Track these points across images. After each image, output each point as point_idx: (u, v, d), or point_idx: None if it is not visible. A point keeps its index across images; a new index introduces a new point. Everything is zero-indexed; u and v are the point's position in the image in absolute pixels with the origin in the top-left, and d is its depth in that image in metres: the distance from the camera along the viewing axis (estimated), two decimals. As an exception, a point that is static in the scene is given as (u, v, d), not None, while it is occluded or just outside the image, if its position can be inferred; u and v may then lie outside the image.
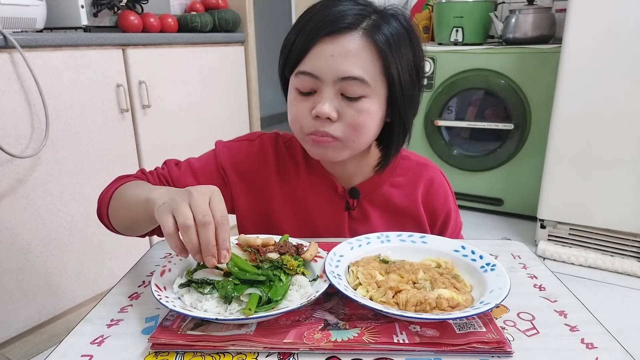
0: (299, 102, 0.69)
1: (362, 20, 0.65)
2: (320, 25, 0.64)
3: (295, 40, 0.67)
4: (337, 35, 0.64)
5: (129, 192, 0.69)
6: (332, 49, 0.64)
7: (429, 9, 2.73)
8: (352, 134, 0.68)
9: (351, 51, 0.64)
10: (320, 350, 0.48)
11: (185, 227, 0.52)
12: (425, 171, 0.83)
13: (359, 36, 0.64)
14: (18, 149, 1.31)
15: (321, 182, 0.80)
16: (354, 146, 0.70)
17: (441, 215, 0.84)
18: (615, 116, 1.83)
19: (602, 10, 1.77)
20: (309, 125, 0.68)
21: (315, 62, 0.65)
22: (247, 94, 2.18)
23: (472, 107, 2.53)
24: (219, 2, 2.04)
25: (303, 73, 0.66)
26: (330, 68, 0.64)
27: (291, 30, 0.69)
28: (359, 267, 0.59)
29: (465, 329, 0.50)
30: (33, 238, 1.39)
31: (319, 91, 0.67)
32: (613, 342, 0.50)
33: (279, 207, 0.81)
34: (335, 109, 0.66)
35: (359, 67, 0.64)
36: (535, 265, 0.69)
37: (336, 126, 0.67)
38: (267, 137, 0.84)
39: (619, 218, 1.92)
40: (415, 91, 0.71)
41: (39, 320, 1.44)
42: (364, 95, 0.66)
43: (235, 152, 0.82)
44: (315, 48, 0.65)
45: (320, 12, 0.66)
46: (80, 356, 0.49)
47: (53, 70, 1.37)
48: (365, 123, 0.67)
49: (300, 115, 0.69)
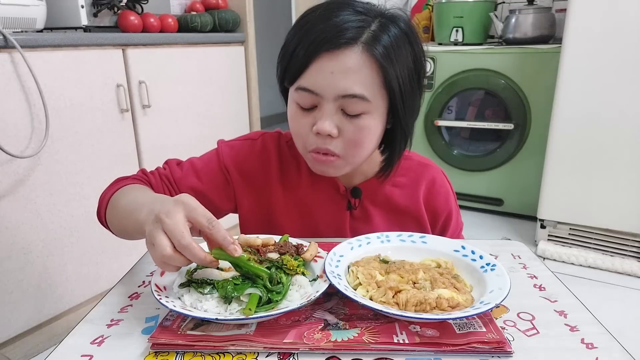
0: (300, 117, 0.69)
1: (362, 33, 0.64)
2: (319, 41, 0.63)
3: (295, 51, 0.66)
4: (337, 51, 0.63)
5: (122, 202, 0.68)
6: (332, 65, 0.63)
7: (429, 9, 2.73)
8: (352, 150, 0.68)
9: (351, 68, 0.63)
10: (320, 350, 0.48)
11: (164, 258, 0.51)
12: (427, 171, 0.83)
13: (359, 51, 0.63)
14: (18, 149, 1.31)
15: (323, 182, 0.80)
16: (354, 161, 0.71)
17: (442, 215, 0.84)
18: (615, 116, 1.83)
19: (602, 10, 1.77)
20: (311, 142, 0.68)
21: (315, 79, 0.64)
22: (247, 94, 2.18)
23: (472, 107, 2.53)
24: (219, 2, 2.04)
25: (303, 89, 0.66)
26: (330, 85, 0.64)
27: (290, 35, 0.68)
28: (359, 267, 0.59)
29: (465, 329, 0.50)
30: (33, 238, 1.39)
31: (319, 107, 0.66)
32: (613, 342, 0.50)
33: (281, 206, 0.81)
34: (335, 126, 0.66)
35: (359, 84, 0.63)
36: (535, 265, 0.69)
37: (336, 142, 0.67)
38: (269, 136, 0.84)
39: (619, 218, 1.92)
40: (416, 97, 0.70)
41: (39, 320, 1.44)
42: (364, 112, 0.65)
43: (237, 151, 0.81)
44: (315, 64, 0.64)
45: (320, 22, 0.64)
46: (80, 356, 0.49)
47: (53, 70, 1.37)
48: (365, 139, 0.68)
49: (302, 132, 0.69)
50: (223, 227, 0.53)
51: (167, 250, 0.50)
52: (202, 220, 0.52)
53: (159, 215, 0.52)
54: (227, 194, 0.81)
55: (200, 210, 0.53)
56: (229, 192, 0.81)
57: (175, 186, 0.79)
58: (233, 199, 0.82)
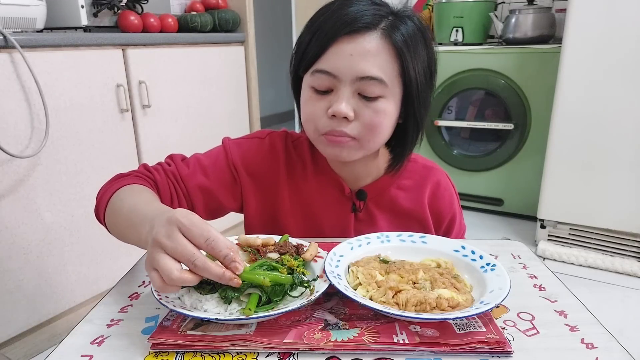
0: (315, 101, 0.68)
1: (381, 21, 0.65)
2: (338, 25, 0.64)
3: (311, 40, 0.66)
4: (356, 34, 0.64)
5: (123, 210, 0.65)
6: (351, 48, 0.64)
7: (429, 9, 2.72)
8: (368, 134, 0.67)
9: (370, 51, 0.64)
10: (320, 350, 0.48)
11: (172, 282, 0.48)
12: (432, 174, 0.83)
13: (377, 36, 0.64)
14: (18, 149, 1.31)
15: (328, 183, 0.80)
16: (369, 146, 0.70)
17: (446, 218, 0.84)
18: (616, 116, 1.83)
19: (602, 10, 1.77)
20: (325, 125, 0.67)
21: (333, 61, 0.65)
22: (247, 94, 2.18)
23: (472, 107, 2.53)
24: (219, 2, 2.04)
25: (320, 71, 0.66)
26: (348, 67, 0.64)
27: (304, 30, 0.69)
28: (359, 267, 0.59)
29: (465, 329, 0.50)
30: (33, 238, 1.39)
31: (335, 90, 0.66)
32: (613, 342, 0.50)
33: (286, 207, 0.81)
34: (352, 109, 0.65)
35: (377, 67, 0.64)
36: (535, 265, 0.69)
37: (353, 126, 0.67)
38: (276, 135, 0.83)
39: (619, 218, 1.92)
40: (429, 93, 0.71)
41: (39, 320, 1.44)
42: (381, 95, 0.66)
43: (245, 149, 0.80)
44: (334, 47, 0.64)
45: (337, 12, 0.65)
46: (80, 356, 0.49)
47: (53, 70, 1.37)
48: (381, 123, 0.67)
49: (316, 114, 0.68)
50: (223, 244, 0.49)
51: (175, 273, 0.47)
52: (199, 241, 0.49)
53: (158, 239, 0.49)
54: (234, 192, 0.80)
55: (196, 231, 0.48)
56: (235, 191, 0.80)
57: (182, 184, 0.76)
58: (239, 197, 0.81)
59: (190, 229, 0.49)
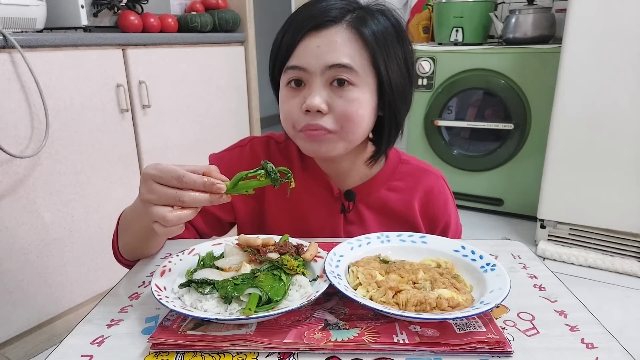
0: (289, 99, 0.69)
1: (346, 14, 0.67)
2: (304, 21, 0.66)
3: (282, 39, 0.68)
4: (322, 28, 0.65)
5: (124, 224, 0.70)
6: (318, 41, 0.65)
7: (429, 9, 2.73)
8: (345, 124, 0.67)
9: (337, 41, 0.65)
10: (320, 350, 0.48)
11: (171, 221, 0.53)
12: (426, 177, 0.82)
13: (343, 29, 0.66)
14: (18, 149, 1.31)
15: (317, 184, 0.80)
16: (348, 137, 0.69)
17: (441, 222, 0.83)
18: (615, 116, 1.83)
19: (602, 10, 1.77)
20: (300, 120, 0.68)
21: (302, 56, 0.66)
22: (247, 94, 2.18)
23: (472, 107, 2.53)
24: (219, 2, 2.04)
25: (291, 68, 0.67)
26: (316, 58, 0.65)
27: (278, 31, 0.71)
28: (359, 267, 0.59)
29: (465, 329, 0.50)
30: (33, 238, 1.39)
31: (307, 84, 0.67)
32: (613, 342, 0.50)
33: (273, 210, 0.81)
34: (324, 101, 0.66)
35: (346, 56, 0.65)
36: (535, 265, 0.69)
37: (327, 118, 0.67)
38: (257, 140, 0.84)
39: (619, 218, 1.92)
40: (407, 86, 0.71)
41: (39, 320, 1.44)
42: (352, 83, 0.66)
43: (227, 161, 0.82)
44: (302, 43, 0.66)
45: (304, 10, 0.68)
46: (80, 356, 0.49)
47: (53, 70, 1.37)
48: (356, 113, 0.67)
49: (292, 111, 0.69)
50: (196, 176, 0.53)
51: (168, 215, 0.52)
52: (173, 182, 0.53)
53: (143, 197, 0.55)
54: (224, 206, 0.80)
55: (167, 175, 0.53)
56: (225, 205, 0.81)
57: None
58: (231, 209, 0.83)
59: (162, 176, 0.53)
